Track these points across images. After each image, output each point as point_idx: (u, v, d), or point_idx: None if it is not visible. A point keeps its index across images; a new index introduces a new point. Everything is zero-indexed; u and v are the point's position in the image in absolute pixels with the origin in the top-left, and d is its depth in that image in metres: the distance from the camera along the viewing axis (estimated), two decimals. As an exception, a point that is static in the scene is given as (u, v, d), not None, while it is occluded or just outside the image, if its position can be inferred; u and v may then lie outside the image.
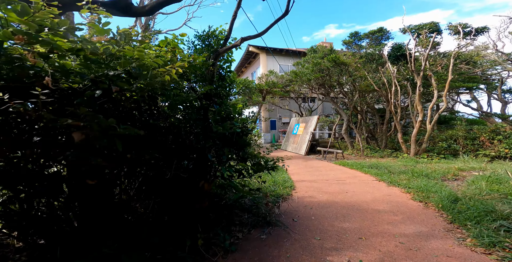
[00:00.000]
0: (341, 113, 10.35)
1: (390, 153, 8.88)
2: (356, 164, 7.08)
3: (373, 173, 5.85)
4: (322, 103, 17.29)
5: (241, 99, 12.71)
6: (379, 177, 5.46)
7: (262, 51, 17.66)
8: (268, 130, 17.75)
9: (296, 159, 9.21)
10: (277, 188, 4.66)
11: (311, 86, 10.29)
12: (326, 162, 8.18)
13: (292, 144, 12.08)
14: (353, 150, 10.36)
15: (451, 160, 7.64)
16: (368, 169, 6.33)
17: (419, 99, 7.90)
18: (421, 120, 7.89)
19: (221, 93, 3.47)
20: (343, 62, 8.92)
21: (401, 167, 6.70)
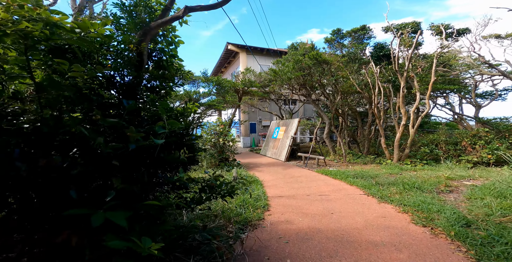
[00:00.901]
0: (323, 116, 9.72)
1: (373, 159, 8.36)
2: (340, 173, 6.35)
3: (359, 185, 5.11)
4: (303, 105, 16.77)
5: (216, 100, 11.62)
6: (367, 190, 4.72)
7: (242, 50, 16.77)
8: (248, 134, 16.79)
9: (275, 166, 8.33)
10: (246, 210, 3.66)
11: (292, 87, 9.57)
12: (308, 171, 7.39)
13: (272, 149, 11.23)
14: (335, 156, 9.75)
15: (434, 166, 7.27)
16: (353, 180, 5.61)
17: (402, 101, 7.46)
18: (405, 124, 7.45)
19: (158, 86, 2.42)
20: (325, 60, 8.30)
21: (387, 176, 6.09)
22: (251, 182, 5.46)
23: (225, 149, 7.60)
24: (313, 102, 10.02)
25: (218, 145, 7.27)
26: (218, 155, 7.31)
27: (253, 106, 12.80)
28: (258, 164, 8.87)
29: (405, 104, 12.42)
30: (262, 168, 7.99)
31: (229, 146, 7.63)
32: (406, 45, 8.30)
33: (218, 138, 7.29)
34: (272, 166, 8.37)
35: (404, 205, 3.72)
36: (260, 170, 7.48)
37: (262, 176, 6.56)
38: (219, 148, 7.31)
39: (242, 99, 10.98)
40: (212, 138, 7.25)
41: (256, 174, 6.82)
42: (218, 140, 7.17)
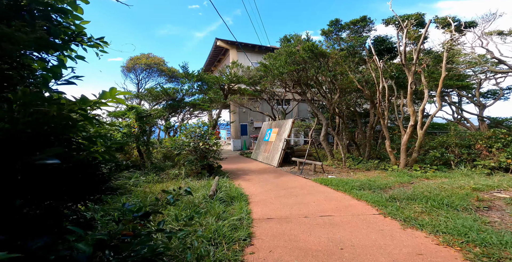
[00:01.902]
0: (320, 116, 8.74)
1: (376, 164, 7.39)
2: (342, 183, 5.31)
3: (370, 200, 4.07)
4: (298, 105, 15.82)
5: (202, 99, 10.46)
6: (381, 208, 3.68)
7: (232, 47, 15.72)
8: (238, 136, 15.66)
9: (266, 173, 7.23)
10: (218, 246, 2.53)
11: (285, 83, 8.56)
12: (303, 179, 6.32)
13: (264, 153, 10.14)
14: (333, 161, 8.75)
15: (447, 172, 6.36)
16: (360, 192, 4.57)
17: (410, 98, 6.54)
18: (413, 125, 6.52)
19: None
20: (322, 53, 7.33)
21: (398, 186, 5.10)
22: (234, 198, 4.33)
23: (208, 154, 6.45)
24: (308, 101, 9.03)
25: (198, 149, 6.12)
26: (198, 162, 6.16)
27: (243, 105, 11.72)
28: (247, 171, 7.75)
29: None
30: (251, 176, 6.87)
31: (213, 151, 6.49)
32: (412, 38, 7.44)
33: (199, 141, 6.14)
34: (263, 173, 7.27)
35: (442, 233, 2.69)
36: (248, 179, 6.37)
37: (250, 187, 5.45)
38: (199, 153, 6.16)
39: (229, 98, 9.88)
40: (191, 141, 6.10)
41: (242, 185, 5.70)
42: (199, 144, 6.02)
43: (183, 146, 6.04)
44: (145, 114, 6.70)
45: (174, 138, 6.10)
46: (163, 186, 5.28)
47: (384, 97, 7.09)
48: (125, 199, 3.79)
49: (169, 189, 1.73)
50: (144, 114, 6.69)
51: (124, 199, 3.69)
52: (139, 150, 6.98)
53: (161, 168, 6.73)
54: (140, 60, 11.68)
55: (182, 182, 5.55)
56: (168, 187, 5.04)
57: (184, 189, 1.66)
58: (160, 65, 12.22)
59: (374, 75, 6.92)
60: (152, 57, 12.17)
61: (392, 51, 9.17)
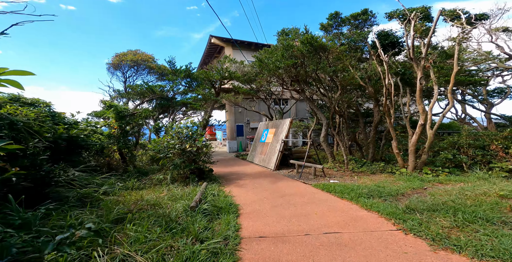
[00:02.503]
0: (320, 115, 8.12)
1: (382, 167, 6.77)
2: (347, 189, 4.67)
3: (382, 211, 3.43)
4: (296, 105, 15.22)
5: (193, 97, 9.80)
6: (399, 221, 3.05)
7: (227, 45, 15.12)
8: (234, 137, 15.00)
9: (262, 178, 6.57)
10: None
11: (282, 80, 7.95)
12: (303, 184, 5.68)
13: (260, 155, 9.49)
14: (334, 163, 8.12)
15: (461, 175, 5.77)
16: (369, 201, 3.94)
17: (420, 95, 5.95)
18: (423, 124, 5.93)
19: None
20: (322, 46, 6.73)
21: (411, 192, 4.48)
22: (221, 209, 3.66)
23: (197, 157, 5.77)
24: (307, 99, 8.42)
25: (185, 152, 5.44)
26: (185, 166, 5.48)
27: (238, 105, 11.08)
28: (241, 175, 7.08)
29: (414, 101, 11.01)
30: (245, 180, 6.21)
31: (202, 153, 5.82)
32: (419, 31, 6.89)
33: (186, 143, 5.47)
34: (258, 177, 6.60)
35: (490, 257, 2.06)
36: (241, 185, 5.70)
37: (242, 195, 4.79)
38: (186, 157, 5.49)
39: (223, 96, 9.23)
40: (177, 143, 5.42)
41: (234, 191, 5.03)
42: (185, 146, 5.35)
43: (168, 148, 5.37)
44: (126, 113, 6.02)
45: (157, 140, 5.43)
46: (143, 193, 4.60)
47: (390, 94, 6.50)
48: (88, 211, 3.10)
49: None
50: (126, 113, 6.01)
51: (77, 212, 3.00)
52: (121, 153, 6.28)
53: (145, 173, 6.04)
54: (126, 57, 10.96)
55: (164, 189, 4.87)
56: (148, 195, 4.36)
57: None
58: (149, 62, 11.51)
59: (380, 69, 6.32)
60: (139, 54, 11.43)
61: (396, 46, 8.62)
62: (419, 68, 6.00)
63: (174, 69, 7.23)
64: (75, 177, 4.00)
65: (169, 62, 7.22)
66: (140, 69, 11.86)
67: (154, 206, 3.69)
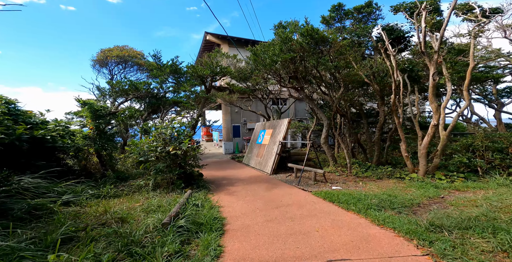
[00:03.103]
0: (320, 115, 7.51)
1: (390, 172, 6.15)
2: (352, 199, 4.04)
3: (399, 228, 2.80)
4: (294, 104, 14.62)
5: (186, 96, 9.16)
6: (423, 242, 2.43)
7: (223, 42, 14.55)
8: (230, 138, 14.36)
9: (257, 183, 5.93)
10: None
11: (279, 77, 7.34)
12: (302, 192, 5.04)
13: (256, 157, 8.85)
14: (336, 167, 7.49)
15: (478, 181, 5.16)
16: (380, 214, 3.31)
17: (433, 92, 5.35)
18: (436, 124, 5.32)
19: None
20: (323, 38, 6.13)
21: (426, 201, 3.86)
22: (202, 225, 3.01)
23: (182, 161, 5.11)
24: (306, 98, 7.81)
25: (169, 155, 4.79)
26: (169, 171, 4.83)
27: (233, 104, 10.45)
28: (235, 179, 6.44)
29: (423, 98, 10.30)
30: (237, 186, 5.57)
31: (189, 157, 5.17)
32: (429, 24, 6.32)
33: (168, 146, 4.83)
34: (253, 183, 5.96)
35: None
36: (232, 192, 5.06)
37: (232, 205, 4.15)
38: (170, 161, 4.84)
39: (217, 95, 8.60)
40: (159, 146, 4.78)
41: (223, 201, 4.39)
42: (169, 149, 4.69)
43: (149, 151, 4.72)
44: (105, 112, 5.37)
45: (136, 142, 4.78)
46: (115, 203, 3.95)
47: (398, 91, 5.90)
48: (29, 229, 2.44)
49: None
50: (104, 111, 5.36)
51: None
52: (99, 156, 5.63)
53: (124, 178, 5.39)
54: (111, 52, 10.29)
55: (142, 198, 4.22)
56: (119, 205, 3.71)
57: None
58: (137, 58, 10.81)
59: (388, 63, 5.71)
60: (126, 49, 10.75)
61: (402, 41, 8.06)
62: (431, 62, 5.41)
63: (160, 64, 6.59)
64: (30, 185, 3.35)
65: (154, 56, 6.57)
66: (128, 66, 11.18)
67: (120, 220, 3.04)
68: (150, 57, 6.63)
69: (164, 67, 6.48)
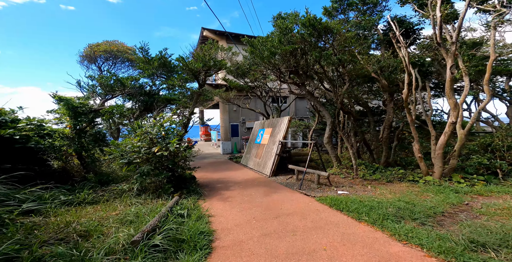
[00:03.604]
0: (324, 112, 6.96)
1: (401, 174, 5.59)
2: (364, 207, 3.49)
3: (428, 244, 2.26)
4: (295, 102, 14.09)
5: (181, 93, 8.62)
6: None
7: (221, 38, 14.01)
8: (229, 138, 13.83)
9: (255, 187, 5.38)
10: None
11: (279, 71, 6.81)
12: (304, 197, 4.49)
13: (255, 158, 8.31)
14: (340, 168, 6.94)
15: (500, 184, 4.61)
16: (400, 226, 2.76)
17: (451, 87, 4.81)
18: (454, 122, 4.77)
19: None
20: (327, 28, 5.58)
21: (449, 208, 3.30)
22: (184, 243, 2.45)
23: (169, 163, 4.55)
24: (308, 94, 7.26)
25: (155, 157, 4.24)
26: (156, 174, 4.28)
27: (229, 101, 9.92)
28: (231, 182, 5.89)
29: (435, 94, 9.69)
30: (233, 191, 5.03)
31: (178, 158, 4.62)
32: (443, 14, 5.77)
33: (154, 146, 4.28)
34: (250, 186, 5.41)
35: None
36: (227, 197, 4.51)
37: (224, 214, 3.60)
38: (157, 163, 4.29)
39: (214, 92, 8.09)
40: (143, 146, 4.23)
41: (214, 208, 3.85)
42: (154, 150, 4.14)
43: (131, 153, 4.18)
44: (85, 110, 4.82)
45: (117, 142, 4.22)
46: (89, 211, 3.41)
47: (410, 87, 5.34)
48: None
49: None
50: (85, 109, 4.81)
51: None
52: (80, 157, 5.08)
53: (106, 182, 4.85)
54: (99, 47, 9.70)
55: (121, 205, 3.67)
56: (92, 214, 3.17)
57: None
58: (128, 54, 10.20)
59: (401, 55, 5.15)
60: (115, 44, 10.13)
61: (411, 34, 7.51)
62: (448, 54, 4.86)
63: (148, 57, 6.02)
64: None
65: (141, 49, 6.00)
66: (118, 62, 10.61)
67: (86, 234, 2.50)
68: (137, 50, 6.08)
69: (152, 61, 5.92)
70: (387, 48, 7.53)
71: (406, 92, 5.04)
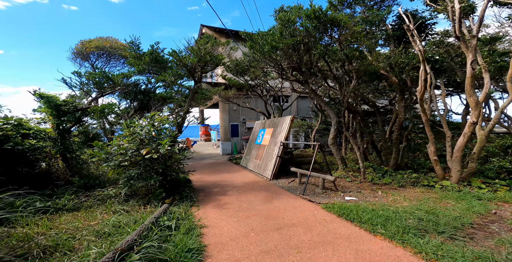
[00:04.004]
0: (329, 112, 6.54)
1: (415, 178, 5.14)
2: (378, 217, 3.06)
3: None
4: (297, 102, 13.66)
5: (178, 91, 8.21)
6: None
7: (220, 36, 13.62)
8: (228, 138, 13.42)
9: (254, 192, 4.96)
10: None
11: (280, 68, 6.39)
12: (308, 204, 4.06)
13: (255, 159, 7.89)
14: (346, 171, 6.50)
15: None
16: (425, 242, 2.33)
17: (471, 84, 4.37)
18: (475, 122, 4.32)
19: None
20: (334, 20, 5.17)
21: (477, 218, 2.86)
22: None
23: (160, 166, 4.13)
24: (312, 92, 6.84)
25: (144, 160, 3.83)
26: (145, 178, 3.87)
27: (229, 100, 9.53)
28: (229, 186, 5.47)
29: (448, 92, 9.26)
30: (230, 196, 4.61)
31: (170, 161, 4.20)
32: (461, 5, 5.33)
33: (142, 148, 3.87)
34: (250, 191, 4.99)
35: None
36: (223, 204, 4.09)
37: (220, 224, 3.18)
38: (145, 166, 3.88)
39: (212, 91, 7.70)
40: (130, 148, 3.82)
41: (208, 217, 3.43)
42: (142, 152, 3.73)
43: (117, 155, 3.77)
44: (71, 108, 4.42)
45: (101, 143, 3.79)
46: (67, 219, 3.00)
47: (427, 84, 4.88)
48: None
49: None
50: (70, 107, 4.42)
51: None
52: (65, 159, 4.68)
53: (92, 186, 4.44)
54: (90, 44, 9.28)
55: (103, 213, 3.26)
56: (70, 223, 2.76)
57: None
58: (122, 50, 9.75)
59: (417, 49, 4.71)
60: (108, 40, 9.70)
61: (423, 30, 7.07)
62: (469, 49, 4.43)
63: (139, 52, 5.60)
64: None
65: (131, 43, 5.57)
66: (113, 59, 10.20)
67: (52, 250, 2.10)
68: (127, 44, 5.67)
69: (143, 56, 5.51)
70: (397, 44, 7.10)
71: (423, 89, 4.60)
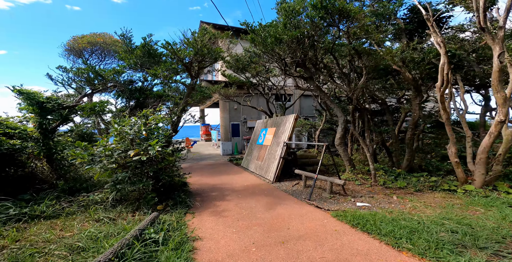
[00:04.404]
0: (336, 110, 6.10)
1: (433, 182, 4.68)
2: (401, 228, 2.62)
3: None
4: (300, 100, 13.21)
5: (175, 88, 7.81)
6: None
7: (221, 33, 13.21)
8: (229, 138, 13.01)
9: (256, 196, 4.53)
10: None
11: (283, 63, 5.97)
12: (316, 211, 3.63)
13: (256, 160, 7.46)
14: (354, 173, 6.06)
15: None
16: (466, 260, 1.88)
17: (498, 78, 3.92)
18: (503, 121, 3.87)
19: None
20: (343, 11, 4.73)
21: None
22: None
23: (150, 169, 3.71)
24: (317, 89, 6.40)
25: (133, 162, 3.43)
26: (133, 183, 3.46)
27: (229, 98, 9.12)
28: (228, 190, 5.05)
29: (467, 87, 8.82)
30: (229, 201, 4.19)
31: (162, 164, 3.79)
32: None
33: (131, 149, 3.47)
34: (250, 196, 4.56)
35: None
36: (220, 211, 3.68)
37: (216, 236, 2.76)
38: (134, 169, 3.48)
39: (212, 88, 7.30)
40: (117, 149, 3.41)
41: (205, 227, 3.01)
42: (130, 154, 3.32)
43: (102, 157, 3.36)
44: (55, 105, 4.04)
45: (84, 144, 3.38)
46: (41, 228, 2.60)
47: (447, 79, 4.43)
48: None
49: None
50: (55, 105, 4.02)
51: None
52: (50, 161, 4.29)
53: (76, 190, 4.05)
54: (82, 39, 8.90)
55: (82, 222, 2.86)
56: (42, 233, 2.36)
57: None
58: (116, 46, 9.32)
59: (439, 40, 4.24)
60: (102, 36, 9.29)
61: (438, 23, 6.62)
62: (495, 41, 3.97)
63: (131, 45, 5.19)
64: None
65: (122, 36, 5.14)
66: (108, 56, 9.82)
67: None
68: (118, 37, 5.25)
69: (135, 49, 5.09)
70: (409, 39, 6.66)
71: (445, 84, 4.14)
